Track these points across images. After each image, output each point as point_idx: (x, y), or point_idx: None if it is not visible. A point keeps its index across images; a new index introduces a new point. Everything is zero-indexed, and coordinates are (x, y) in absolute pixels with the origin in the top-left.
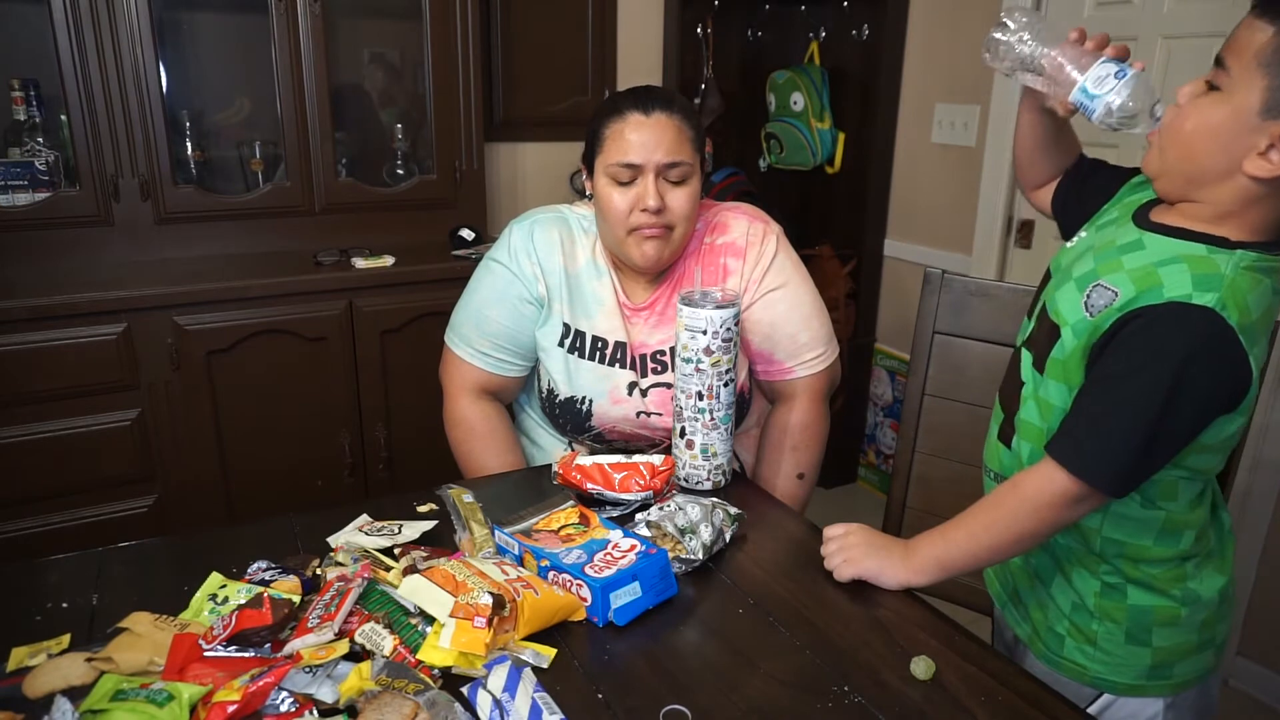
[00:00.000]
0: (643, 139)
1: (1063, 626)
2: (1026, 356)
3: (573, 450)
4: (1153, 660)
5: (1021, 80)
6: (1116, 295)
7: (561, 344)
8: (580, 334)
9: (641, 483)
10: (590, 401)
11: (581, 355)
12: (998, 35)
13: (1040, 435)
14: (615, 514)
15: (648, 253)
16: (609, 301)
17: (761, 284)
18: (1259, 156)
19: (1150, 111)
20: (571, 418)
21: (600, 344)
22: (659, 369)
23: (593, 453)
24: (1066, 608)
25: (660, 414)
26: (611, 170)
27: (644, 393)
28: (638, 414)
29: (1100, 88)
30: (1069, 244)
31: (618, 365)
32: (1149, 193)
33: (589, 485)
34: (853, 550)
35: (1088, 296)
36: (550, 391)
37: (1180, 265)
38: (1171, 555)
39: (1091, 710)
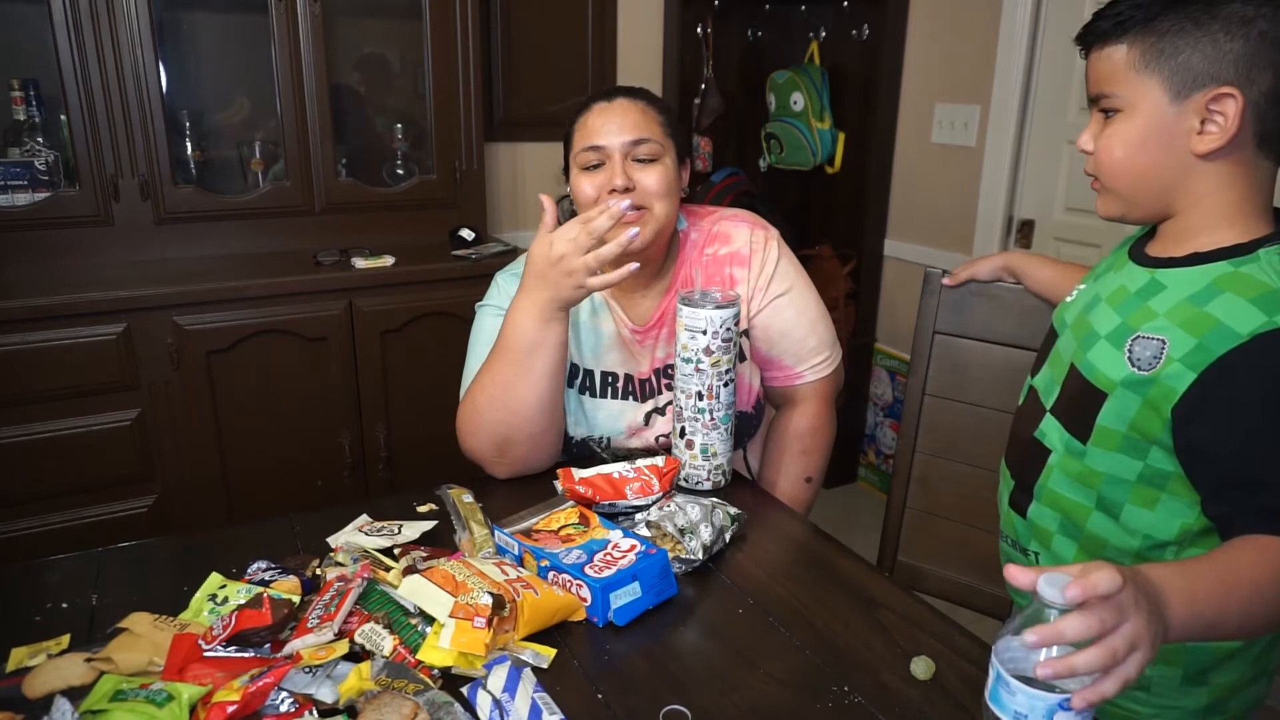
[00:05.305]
0: (605, 122)
1: None
2: (1053, 423)
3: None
4: (1210, 699)
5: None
6: (1165, 343)
7: (571, 384)
8: (589, 373)
9: (644, 486)
10: (608, 440)
11: (594, 394)
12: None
13: (1078, 509)
14: (615, 513)
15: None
16: (610, 333)
17: (768, 291)
18: (1198, 135)
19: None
20: (588, 455)
21: (611, 379)
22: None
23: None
24: None
25: None
26: (580, 158)
27: (662, 412)
28: (657, 439)
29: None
30: (1068, 298)
31: (631, 399)
32: (1130, 230)
33: (599, 499)
34: (1133, 648)
35: (1129, 351)
36: (566, 434)
37: (1224, 296)
38: None
39: None
